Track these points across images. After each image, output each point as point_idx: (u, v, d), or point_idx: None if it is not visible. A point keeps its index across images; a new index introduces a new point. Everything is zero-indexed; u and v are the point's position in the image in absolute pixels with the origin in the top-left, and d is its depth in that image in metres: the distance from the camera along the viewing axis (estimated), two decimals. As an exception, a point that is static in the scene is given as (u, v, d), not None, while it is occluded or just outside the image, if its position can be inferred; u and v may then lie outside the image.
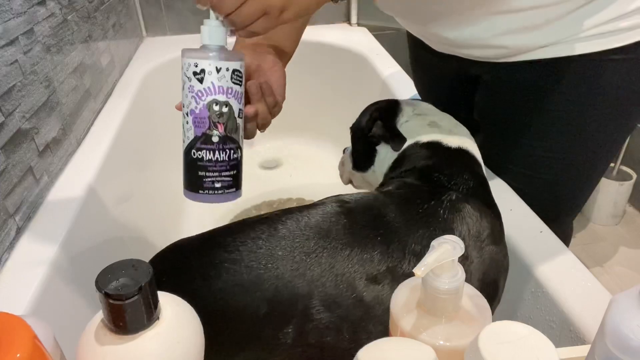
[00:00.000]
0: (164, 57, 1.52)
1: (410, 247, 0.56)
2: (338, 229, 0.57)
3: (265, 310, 0.52)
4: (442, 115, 0.77)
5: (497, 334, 0.35)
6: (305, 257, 0.54)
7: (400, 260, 0.55)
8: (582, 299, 0.62)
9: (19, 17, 0.82)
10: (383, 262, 0.55)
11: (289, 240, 0.55)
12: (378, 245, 0.56)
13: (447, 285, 0.39)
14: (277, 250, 0.54)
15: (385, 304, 0.53)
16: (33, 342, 0.31)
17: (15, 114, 0.77)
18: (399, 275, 0.54)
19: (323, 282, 0.53)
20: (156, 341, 0.34)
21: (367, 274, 0.54)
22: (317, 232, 0.56)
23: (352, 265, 0.54)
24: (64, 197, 0.86)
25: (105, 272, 0.33)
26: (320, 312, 0.52)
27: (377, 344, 0.37)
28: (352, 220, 0.58)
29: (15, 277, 0.68)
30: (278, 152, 1.77)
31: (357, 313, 0.53)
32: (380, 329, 0.53)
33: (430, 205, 0.60)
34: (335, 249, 0.55)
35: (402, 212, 0.59)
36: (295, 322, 0.52)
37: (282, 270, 0.53)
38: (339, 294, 0.53)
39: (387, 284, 0.54)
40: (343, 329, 0.53)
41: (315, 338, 0.52)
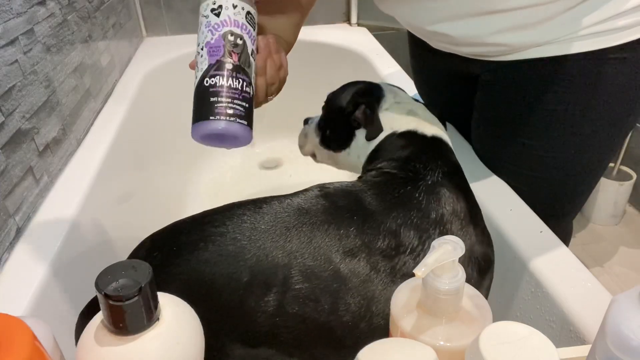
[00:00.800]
0: (164, 57, 1.52)
1: (386, 225, 0.59)
2: (317, 208, 0.60)
3: (247, 278, 0.55)
4: (417, 105, 0.77)
5: (498, 335, 0.35)
6: (285, 230, 0.58)
7: (375, 236, 0.58)
8: (582, 299, 0.61)
9: (19, 17, 0.82)
10: (358, 238, 0.58)
11: (271, 216, 0.59)
12: (354, 223, 0.59)
13: (447, 286, 0.39)
14: (260, 224, 0.58)
15: (361, 276, 0.56)
16: (33, 343, 0.31)
17: (15, 114, 0.77)
18: (374, 249, 0.57)
19: (302, 254, 0.56)
20: (156, 342, 0.34)
21: (343, 247, 0.57)
22: (298, 210, 0.60)
23: (329, 239, 0.57)
24: (64, 197, 0.86)
25: (105, 273, 0.33)
26: (299, 282, 0.55)
27: (377, 344, 0.37)
28: (330, 202, 0.61)
29: (15, 277, 0.68)
30: (278, 152, 1.77)
31: (334, 284, 0.56)
32: (357, 300, 0.56)
33: (407, 190, 0.63)
34: (313, 225, 0.58)
35: (378, 196, 0.62)
36: (276, 290, 0.55)
37: (264, 242, 0.57)
38: (317, 265, 0.56)
39: (362, 258, 0.57)
40: (321, 300, 0.55)
41: (295, 307, 0.55)
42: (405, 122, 0.72)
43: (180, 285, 0.55)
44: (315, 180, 0.64)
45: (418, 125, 0.72)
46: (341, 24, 1.76)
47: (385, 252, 0.57)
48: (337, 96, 0.83)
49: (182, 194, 1.54)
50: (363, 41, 1.60)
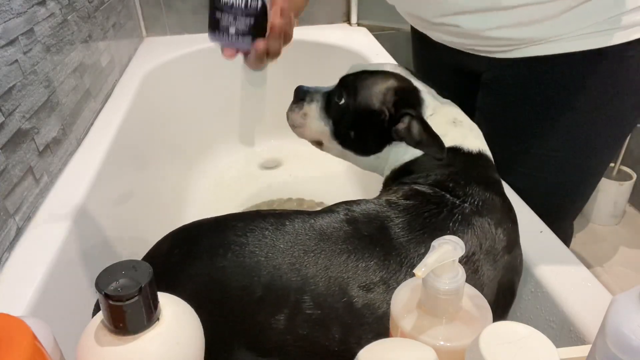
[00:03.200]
0: (164, 57, 1.52)
1: (410, 260, 0.56)
2: (339, 235, 0.58)
3: (260, 294, 0.54)
4: (456, 109, 0.70)
5: (498, 335, 0.35)
6: (303, 254, 0.56)
7: (396, 272, 0.55)
8: (582, 299, 0.61)
9: (19, 17, 0.82)
10: (378, 272, 0.55)
11: (292, 236, 0.57)
12: (375, 256, 0.56)
13: (447, 286, 0.39)
14: (279, 243, 0.57)
15: (377, 312, 0.54)
16: (33, 343, 0.31)
17: (15, 114, 0.77)
18: (392, 287, 0.55)
19: (316, 282, 0.55)
20: (156, 342, 0.34)
21: (360, 281, 0.55)
22: (320, 234, 0.58)
23: (346, 270, 0.55)
24: (64, 197, 0.85)
25: (105, 273, 0.33)
26: (311, 308, 0.54)
27: (377, 344, 0.37)
28: (354, 228, 0.59)
29: (15, 277, 0.68)
30: (278, 152, 1.77)
31: (347, 317, 0.54)
32: (370, 337, 0.54)
33: (439, 220, 0.59)
34: (332, 252, 0.56)
35: (406, 225, 0.59)
36: (287, 311, 0.54)
37: (280, 262, 0.55)
38: (330, 294, 0.54)
39: (379, 294, 0.55)
40: (332, 329, 0.54)
41: (305, 330, 0.54)
42: (451, 135, 0.66)
43: (194, 287, 0.55)
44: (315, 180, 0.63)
45: (464, 140, 0.67)
46: (341, 24, 1.76)
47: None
48: (363, 89, 0.70)
49: (182, 194, 1.54)
50: (363, 41, 1.60)
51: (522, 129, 0.78)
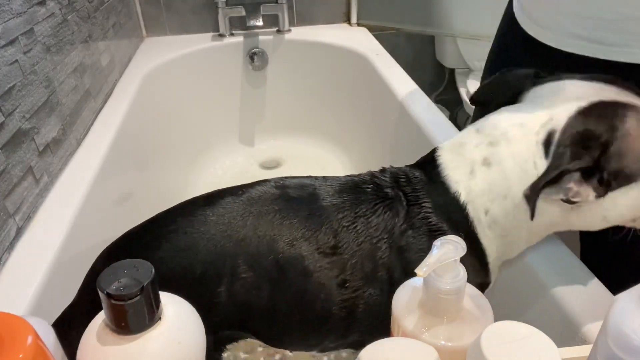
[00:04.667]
0: (164, 57, 1.52)
1: (330, 222, 0.59)
2: (267, 197, 0.60)
3: (201, 270, 0.56)
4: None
5: (499, 334, 0.35)
6: (233, 220, 0.58)
7: (316, 230, 0.58)
8: (584, 298, 0.62)
9: (19, 17, 0.82)
10: (300, 229, 0.58)
11: (221, 207, 0.60)
12: (300, 215, 0.59)
13: (448, 286, 0.39)
14: (210, 216, 0.59)
15: (297, 267, 0.57)
16: (35, 342, 0.31)
17: (15, 114, 0.77)
18: (312, 243, 0.58)
19: (247, 243, 0.57)
20: (158, 341, 0.34)
21: (284, 237, 0.58)
22: (248, 200, 0.60)
23: (272, 228, 0.58)
24: (64, 197, 0.85)
25: (107, 273, 0.33)
26: (245, 272, 0.57)
27: (379, 344, 0.37)
28: (282, 192, 0.61)
29: (15, 277, 0.68)
30: (278, 152, 1.77)
31: (274, 273, 0.57)
32: (292, 291, 0.57)
33: (366, 195, 0.60)
34: (260, 213, 0.59)
35: (334, 192, 0.61)
36: (226, 281, 0.56)
37: (213, 233, 0.57)
38: (260, 253, 0.57)
39: (301, 249, 0.57)
40: (262, 287, 0.57)
41: (243, 296, 0.57)
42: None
43: None
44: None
45: (446, 144, 0.63)
46: (341, 24, 1.76)
47: (321, 248, 0.58)
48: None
49: (182, 194, 1.53)
50: (363, 41, 1.60)
51: None
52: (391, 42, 1.66)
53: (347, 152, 1.66)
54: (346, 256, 0.57)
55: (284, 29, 1.65)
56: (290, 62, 1.67)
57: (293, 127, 1.77)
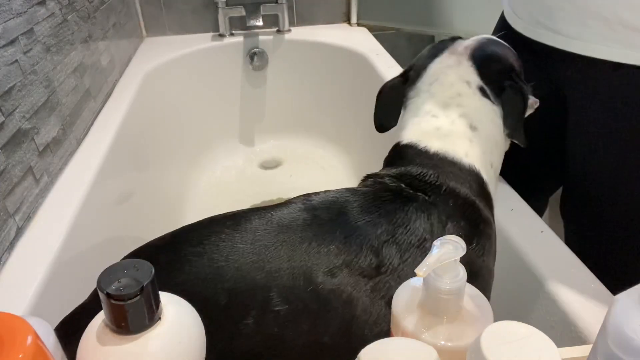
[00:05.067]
0: (164, 57, 1.52)
1: (369, 241, 0.57)
2: (298, 224, 0.57)
3: (226, 301, 0.53)
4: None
5: (499, 334, 0.35)
6: (264, 249, 0.55)
7: (357, 253, 0.56)
8: (584, 298, 0.62)
9: (19, 17, 0.82)
10: (340, 256, 0.55)
11: (251, 233, 0.56)
12: (336, 240, 0.56)
13: (448, 286, 0.39)
14: (238, 243, 0.55)
15: (342, 297, 0.54)
16: (35, 342, 0.31)
17: (15, 114, 0.77)
18: (354, 269, 0.55)
19: (280, 275, 0.54)
20: (158, 341, 0.34)
21: (323, 267, 0.55)
22: (278, 226, 0.57)
23: (309, 258, 0.55)
24: (64, 197, 0.85)
25: (107, 273, 0.33)
26: (278, 304, 0.53)
27: (379, 344, 0.37)
28: (313, 215, 0.59)
29: (15, 277, 0.68)
30: (278, 152, 1.77)
31: (314, 305, 0.54)
32: (337, 322, 0.54)
33: (393, 205, 0.60)
34: (293, 242, 0.56)
35: (364, 208, 0.60)
36: (255, 313, 0.53)
37: (242, 262, 0.54)
38: (296, 286, 0.54)
39: (343, 277, 0.55)
40: (301, 321, 0.53)
41: (275, 328, 0.53)
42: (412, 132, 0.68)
43: None
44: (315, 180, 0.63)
45: (422, 138, 0.66)
46: (341, 24, 1.76)
47: (365, 271, 0.55)
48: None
49: (182, 194, 1.54)
50: (363, 41, 1.60)
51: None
52: (391, 42, 1.66)
53: (347, 152, 1.66)
54: (390, 273, 0.55)
55: (284, 29, 1.65)
56: (290, 62, 1.67)
57: (293, 127, 1.77)
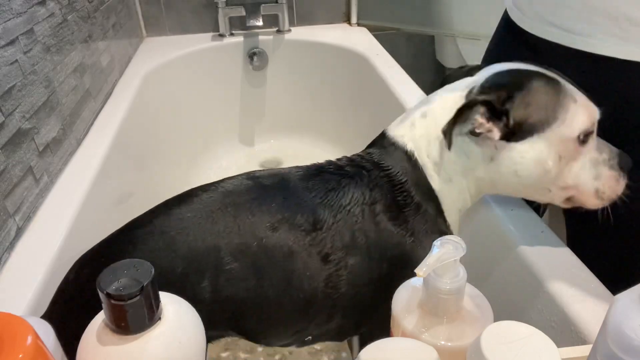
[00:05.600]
0: (164, 57, 1.52)
1: (305, 202, 0.61)
2: (241, 189, 0.62)
3: (181, 268, 0.56)
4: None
5: (499, 334, 0.35)
6: (211, 213, 0.59)
7: (295, 212, 0.60)
8: (584, 298, 0.62)
9: (19, 17, 0.82)
10: (280, 213, 0.59)
11: (197, 203, 0.60)
12: (276, 200, 0.60)
13: (448, 286, 0.39)
14: (186, 214, 0.59)
15: (283, 250, 0.58)
16: (35, 342, 0.31)
17: (15, 114, 0.77)
18: (293, 224, 0.59)
19: (229, 233, 0.57)
20: (158, 341, 0.34)
21: (265, 222, 0.59)
22: (223, 193, 0.61)
23: (252, 215, 0.59)
24: (64, 197, 0.85)
25: (107, 273, 0.33)
26: (229, 263, 0.57)
27: (379, 343, 0.37)
28: (255, 182, 0.63)
29: (15, 277, 0.68)
30: (278, 152, 1.77)
31: (260, 261, 0.57)
32: (280, 276, 0.58)
33: (332, 176, 0.64)
34: (237, 203, 0.60)
35: (303, 176, 0.65)
36: (209, 275, 0.56)
37: (192, 229, 0.58)
38: (243, 242, 0.57)
39: (284, 232, 0.58)
40: (250, 277, 0.57)
41: (228, 291, 0.57)
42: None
43: None
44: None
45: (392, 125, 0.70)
46: (341, 24, 1.76)
47: (303, 226, 0.59)
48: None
49: (182, 194, 1.54)
50: (363, 41, 1.60)
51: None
52: (391, 42, 1.66)
53: (346, 152, 1.65)
54: (325, 230, 0.59)
55: (284, 29, 1.65)
56: (290, 62, 1.67)
57: (293, 127, 1.77)
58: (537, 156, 0.59)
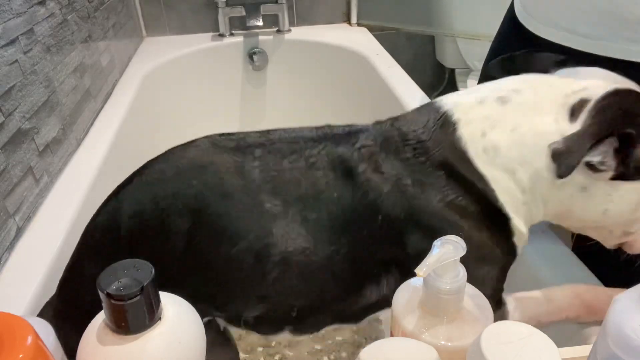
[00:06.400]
0: (164, 57, 1.52)
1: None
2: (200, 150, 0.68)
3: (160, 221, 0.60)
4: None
5: (499, 334, 0.35)
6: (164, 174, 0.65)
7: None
8: (583, 299, 0.61)
9: (19, 17, 0.82)
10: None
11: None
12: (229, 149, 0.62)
13: (448, 286, 0.39)
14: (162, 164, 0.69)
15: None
16: (35, 342, 0.31)
17: (15, 114, 0.77)
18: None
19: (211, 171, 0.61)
20: (158, 341, 0.34)
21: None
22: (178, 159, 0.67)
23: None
24: (64, 197, 0.85)
25: (107, 273, 0.33)
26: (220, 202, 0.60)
27: (379, 343, 0.37)
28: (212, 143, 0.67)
29: (15, 277, 0.68)
30: (278, 152, 1.77)
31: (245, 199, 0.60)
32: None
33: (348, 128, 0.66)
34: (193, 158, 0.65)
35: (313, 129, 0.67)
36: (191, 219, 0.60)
37: (171, 177, 0.64)
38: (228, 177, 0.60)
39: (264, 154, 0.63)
40: (242, 219, 0.59)
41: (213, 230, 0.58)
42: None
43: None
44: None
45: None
46: (341, 24, 1.76)
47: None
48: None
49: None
50: (363, 41, 1.60)
51: None
52: (391, 42, 1.66)
53: (347, 152, 1.65)
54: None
55: (284, 29, 1.65)
56: (290, 62, 1.67)
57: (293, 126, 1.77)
58: (637, 200, 0.53)
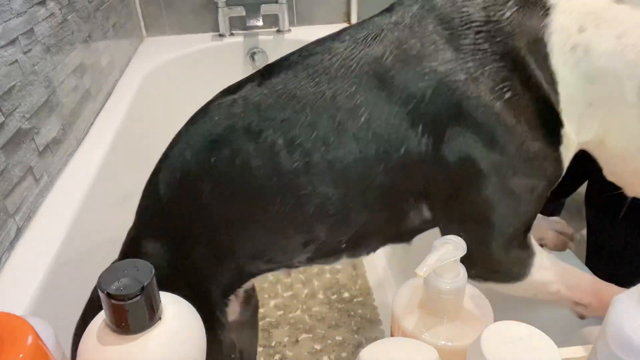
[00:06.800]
0: (164, 57, 1.52)
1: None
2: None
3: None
4: None
5: (499, 334, 0.35)
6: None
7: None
8: (583, 299, 0.61)
9: (19, 17, 0.82)
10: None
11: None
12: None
13: (449, 286, 0.39)
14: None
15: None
16: (35, 342, 0.31)
17: (15, 114, 0.77)
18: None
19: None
20: (158, 341, 0.34)
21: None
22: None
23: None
24: (64, 197, 0.85)
25: (107, 273, 0.33)
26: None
27: (379, 343, 0.37)
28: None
29: (15, 277, 0.68)
30: (278, 152, 1.77)
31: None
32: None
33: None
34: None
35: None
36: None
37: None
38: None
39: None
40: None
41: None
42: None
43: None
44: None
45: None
46: (341, 24, 1.76)
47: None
48: None
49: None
50: (363, 41, 1.60)
51: None
52: (391, 42, 1.65)
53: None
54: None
55: (284, 29, 1.65)
56: (290, 62, 1.67)
57: (293, 127, 1.77)
58: None
